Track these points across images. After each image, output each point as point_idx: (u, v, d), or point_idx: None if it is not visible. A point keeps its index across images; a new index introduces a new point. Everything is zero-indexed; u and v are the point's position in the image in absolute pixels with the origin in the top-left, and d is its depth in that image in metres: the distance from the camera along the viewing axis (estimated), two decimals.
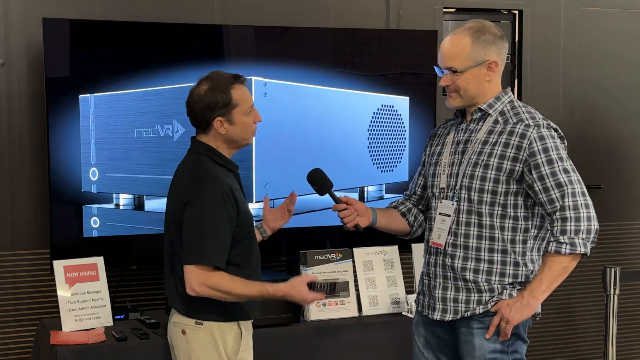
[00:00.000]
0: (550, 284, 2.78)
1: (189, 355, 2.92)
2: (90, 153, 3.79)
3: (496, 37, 2.86)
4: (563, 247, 2.74)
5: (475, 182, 2.83)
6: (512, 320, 2.79)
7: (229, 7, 4.22)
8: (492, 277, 2.83)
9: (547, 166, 2.75)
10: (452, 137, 2.95)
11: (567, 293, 4.96)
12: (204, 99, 2.88)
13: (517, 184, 2.80)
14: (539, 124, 2.81)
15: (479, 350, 2.84)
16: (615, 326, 3.87)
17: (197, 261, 2.80)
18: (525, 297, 2.79)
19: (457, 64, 2.84)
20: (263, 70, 3.99)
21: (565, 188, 2.75)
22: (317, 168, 3.12)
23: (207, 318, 2.89)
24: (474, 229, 2.84)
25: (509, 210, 2.82)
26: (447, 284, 2.89)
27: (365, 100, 4.21)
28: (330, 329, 3.79)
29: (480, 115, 2.89)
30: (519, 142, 2.78)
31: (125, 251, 3.97)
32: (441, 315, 2.90)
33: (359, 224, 3.01)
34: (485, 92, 2.87)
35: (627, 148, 5.09)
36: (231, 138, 2.93)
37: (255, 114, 2.97)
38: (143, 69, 3.87)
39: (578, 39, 4.94)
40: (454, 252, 2.87)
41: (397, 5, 4.54)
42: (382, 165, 4.28)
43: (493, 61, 2.85)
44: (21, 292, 3.95)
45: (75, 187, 3.79)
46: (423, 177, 3.11)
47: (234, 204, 2.85)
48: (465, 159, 2.87)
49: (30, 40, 3.88)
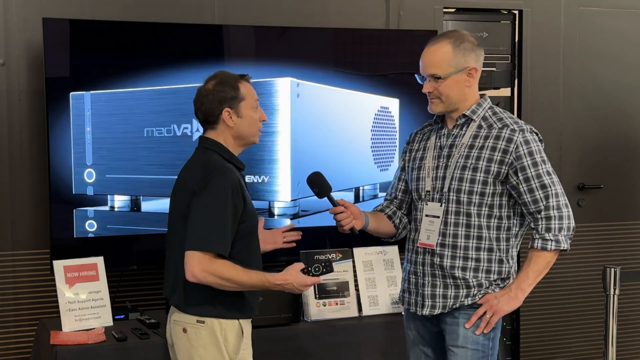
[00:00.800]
0: (535, 277, 2.95)
1: (190, 353, 2.91)
2: (85, 153, 3.79)
3: (474, 45, 3.01)
4: (549, 244, 2.92)
5: (465, 185, 2.95)
6: (500, 311, 2.95)
7: (229, 7, 4.22)
8: (479, 273, 2.97)
9: (532, 168, 2.92)
10: (434, 142, 3.07)
11: (567, 293, 4.97)
12: (212, 92, 2.94)
13: (501, 185, 2.95)
14: (523, 128, 2.96)
15: (463, 338, 2.97)
16: (615, 326, 3.87)
17: (200, 248, 2.80)
18: (512, 289, 2.95)
19: (439, 71, 2.97)
20: (263, 70, 4.00)
21: (549, 189, 2.92)
22: (316, 172, 3.17)
23: (209, 314, 2.89)
24: (462, 229, 2.97)
25: (495, 210, 2.96)
26: (436, 282, 3.00)
27: (367, 100, 4.22)
28: (330, 329, 3.79)
29: (464, 121, 3.02)
30: (506, 146, 2.93)
31: (125, 251, 3.97)
32: (430, 311, 3.01)
33: (354, 226, 3.10)
34: (465, 98, 3.01)
35: (627, 148, 5.08)
36: (239, 132, 2.97)
37: (261, 112, 3.03)
38: (143, 69, 3.87)
39: (578, 39, 4.94)
40: (442, 251, 2.98)
41: (397, 5, 4.54)
42: (381, 164, 4.29)
43: (473, 67, 2.99)
44: (21, 292, 3.95)
45: (75, 187, 3.79)
46: (403, 181, 3.22)
47: (240, 199, 2.87)
48: (452, 163, 2.99)
49: (30, 40, 3.88)
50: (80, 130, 3.78)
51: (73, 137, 3.76)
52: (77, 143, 3.77)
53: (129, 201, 3.88)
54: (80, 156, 3.78)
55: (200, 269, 2.79)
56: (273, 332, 3.65)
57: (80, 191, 3.80)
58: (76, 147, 3.77)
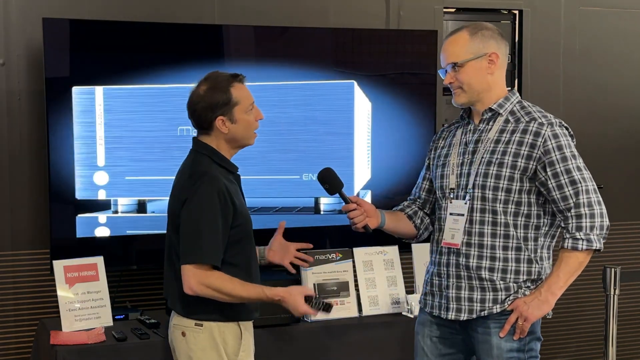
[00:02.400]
0: (567, 279, 2.82)
1: (190, 357, 2.91)
2: (95, 154, 3.79)
3: (494, 32, 2.91)
4: (580, 243, 2.77)
5: (490, 181, 2.84)
6: (531, 317, 2.81)
7: (229, 7, 4.22)
8: (507, 275, 2.85)
9: (561, 164, 2.78)
10: (460, 138, 2.97)
11: (567, 293, 4.93)
12: (204, 99, 2.89)
13: (529, 181, 2.83)
14: (551, 122, 2.84)
15: (497, 350, 2.85)
16: (615, 326, 3.87)
17: (194, 261, 2.80)
18: (542, 293, 2.82)
19: (457, 58, 2.87)
20: (263, 70, 4.00)
21: (579, 185, 2.78)
22: (328, 167, 3.10)
23: (207, 318, 2.89)
24: (488, 227, 2.85)
25: (522, 207, 2.84)
26: (461, 284, 2.88)
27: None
28: (330, 329, 3.79)
29: (490, 115, 2.91)
30: (533, 140, 2.81)
31: (125, 251, 3.97)
32: (456, 315, 2.89)
33: (368, 224, 3.01)
34: (489, 87, 2.89)
35: (627, 148, 5.08)
36: (233, 137, 2.93)
37: (257, 111, 2.97)
38: (143, 69, 3.86)
39: (578, 39, 4.94)
40: (469, 251, 2.87)
41: (397, 5, 4.54)
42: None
43: (493, 52, 2.87)
44: (21, 292, 3.95)
45: (75, 187, 3.79)
46: (428, 180, 3.11)
47: (229, 205, 2.84)
48: (477, 159, 2.88)
49: (30, 40, 3.88)
50: (87, 129, 3.78)
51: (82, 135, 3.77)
52: (86, 144, 3.77)
53: (135, 204, 3.88)
54: (86, 157, 3.78)
55: (196, 283, 2.80)
56: (273, 332, 3.65)
57: (86, 196, 3.80)
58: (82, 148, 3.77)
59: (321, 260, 3.89)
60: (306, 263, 3.26)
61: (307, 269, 3.83)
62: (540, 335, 2.93)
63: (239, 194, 2.96)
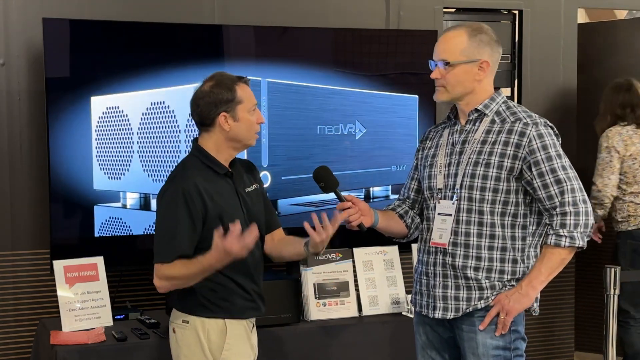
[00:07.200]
0: (548, 274, 2.84)
1: (178, 354, 2.97)
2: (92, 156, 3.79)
3: (492, 39, 2.93)
4: (562, 240, 2.80)
5: (477, 181, 2.86)
6: (512, 310, 2.84)
7: (229, 7, 4.22)
8: (492, 274, 2.87)
9: (546, 163, 2.81)
10: (447, 139, 2.99)
11: (567, 293, 4.96)
12: (209, 95, 2.91)
13: (516, 181, 2.85)
14: (536, 122, 2.87)
15: (483, 347, 2.86)
16: (616, 326, 3.87)
17: (155, 260, 2.89)
18: (523, 287, 2.84)
19: (450, 57, 2.88)
20: (263, 70, 4.00)
21: (565, 184, 2.81)
22: (323, 165, 3.09)
23: (193, 312, 2.92)
24: (474, 228, 2.88)
25: (509, 207, 2.86)
26: (448, 283, 2.91)
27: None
28: (330, 329, 3.79)
29: (476, 115, 2.93)
30: (519, 140, 2.83)
31: (125, 251, 3.97)
32: (442, 314, 2.92)
33: (362, 223, 3.01)
34: (474, 91, 2.92)
35: None
36: (235, 136, 2.94)
37: (258, 115, 2.98)
38: (143, 69, 3.86)
39: (578, 39, 4.95)
40: (455, 250, 2.89)
41: (397, 5, 4.55)
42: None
43: (485, 61, 2.89)
44: (21, 292, 3.95)
45: (75, 187, 3.79)
46: (416, 180, 3.14)
47: (199, 203, 2.85)
48: (464, 159, 2.90)
49: (30, 40, 3.88)
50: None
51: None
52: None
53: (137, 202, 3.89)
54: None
55: (156, 279, 2.89)
56: (273, 332, 3.65)
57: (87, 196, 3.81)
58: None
59: (321, 260, 3.89)
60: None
61: (307, 269, 3.83)
62: (525, 336, 2.95)
63: (229, 194, 2.95)
